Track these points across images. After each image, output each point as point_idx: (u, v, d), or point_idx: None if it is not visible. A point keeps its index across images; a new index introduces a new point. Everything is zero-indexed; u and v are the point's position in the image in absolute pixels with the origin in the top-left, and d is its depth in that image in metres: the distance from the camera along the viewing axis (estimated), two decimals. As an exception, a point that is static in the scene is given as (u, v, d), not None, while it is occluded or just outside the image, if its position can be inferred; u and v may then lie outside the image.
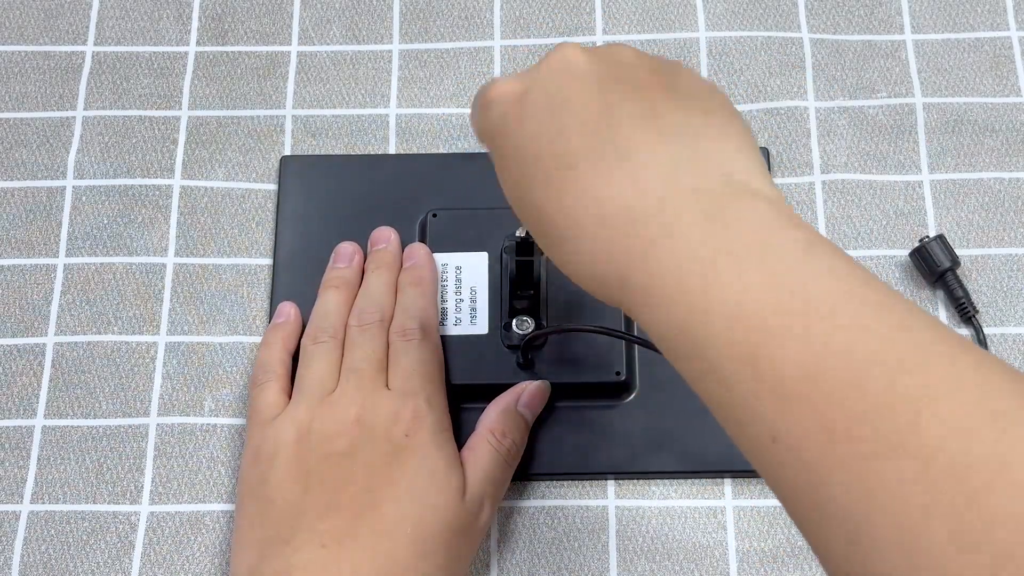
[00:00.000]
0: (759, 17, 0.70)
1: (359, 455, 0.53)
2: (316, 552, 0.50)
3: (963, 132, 0.67)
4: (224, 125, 0.68)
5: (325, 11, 0.71)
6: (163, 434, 0.61)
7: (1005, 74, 0.68)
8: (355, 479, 0.52)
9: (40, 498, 0.60)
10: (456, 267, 0.62)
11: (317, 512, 0.52)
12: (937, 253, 0.62)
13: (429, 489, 0.53)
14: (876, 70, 0.68)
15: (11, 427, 0.61)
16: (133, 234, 0.65)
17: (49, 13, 0.71)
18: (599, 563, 0.58)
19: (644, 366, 0.61)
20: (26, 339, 0.63)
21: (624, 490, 0.60)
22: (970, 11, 0.70)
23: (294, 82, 0.69)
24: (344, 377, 0.56)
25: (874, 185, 0.65)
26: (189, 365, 0.62)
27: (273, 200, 0.66)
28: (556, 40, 0.69)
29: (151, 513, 0.59)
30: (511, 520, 0.59)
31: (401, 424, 0.54)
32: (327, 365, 0.57)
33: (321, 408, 0.55)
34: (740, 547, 0.58)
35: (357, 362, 0.57)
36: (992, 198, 0.65)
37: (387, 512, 0.52)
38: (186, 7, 0.71)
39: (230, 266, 0.64)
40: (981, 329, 0.61)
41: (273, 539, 0.51)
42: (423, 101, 0.68)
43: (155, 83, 0.69)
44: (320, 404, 0.55)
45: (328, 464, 0.53)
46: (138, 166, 0.67)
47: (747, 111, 0.67)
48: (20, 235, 0.65)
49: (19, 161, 0.67)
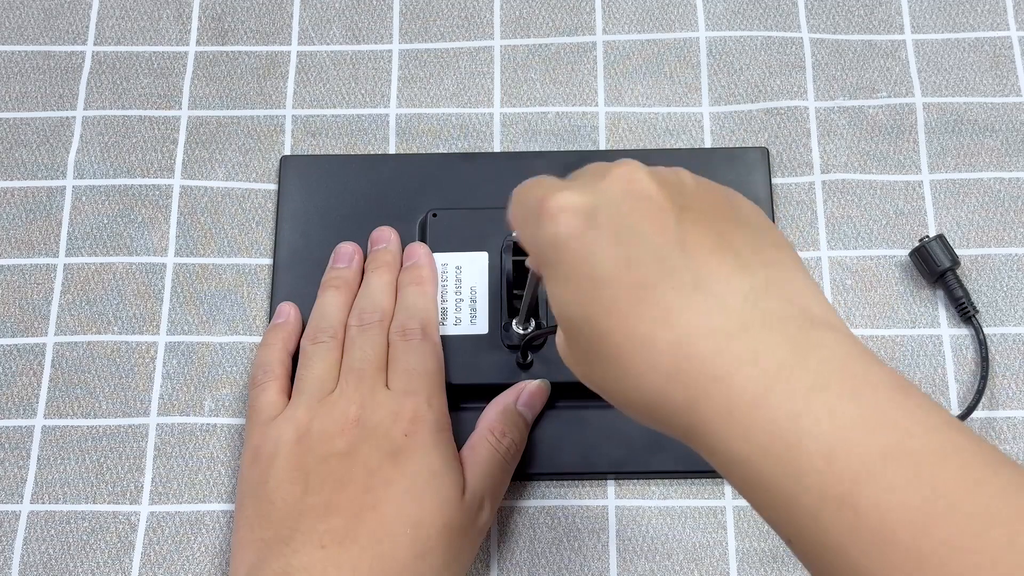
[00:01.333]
0: (759, 17, 0.70)
1: (358, 455, 0.53)
2: (316, 553, 0.50)
3: (963, 132, 0.67)
4: (224, 125, 0.68)
5: (325, 11, 0.71)
6: (163, 434, 0.61)
7: (1005, 74, 0.68)
8: (354, 479, 0.52)
9: (40, 498, 0.60)
10: (456, 267, 0.62)
11: (317, 513, 0.52)
12: (937, 253, 0.62)
13: (428, 489, 0.53)
14: (876, 70, 0.68)
15: (11, 427, 0.61)
16: (133, 234, 0.65)
17: (49, 13, 0.71)
18: (599, 563, 0.58)
19: (644, 366, 0.60)
20: (26, 339, 0.63)
21: (624, 490, 0.60)
22: (970, 11, 0.70)
23: (294, 82, 0.69)
24: (343, 377, 0.56)
25: (874, 185, 0.65)
26: (189, 365, 0.62)
27: (273, 200, 0.66)
28: (556, 40, 0.69)
29: (151, 513, 0.59)
30: (511, 520, 0.59)
31: (400, 424, 0.54)
32: (326, 365, 0.57)
33: (321, 408, 0.55)
34: (740, 547, 0.58)
35: (356, 362, 0.57)
36: (992, 198, 0.65)
37: (386, 512, 0.52)
38: (186, 7, 0.71)
39: (230, 266, 0.64)
40: (981, 329, 0.61)
41: (272, 540, 0.51)
42: (423, 101, 0.68)
43: (155, 83, 0.69)
44: (320, 404, 0.55)
45: (327, 464, 0.53)
46: (138, 166, 0.67)
47: (747, 111, 0.67)
48: (20, 235, 0.65)
49: (19, 161, 0.67)
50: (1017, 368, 0.61)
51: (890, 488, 0.34)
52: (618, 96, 0.68)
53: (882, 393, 0.36)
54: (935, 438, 0.35)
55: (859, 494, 0.34)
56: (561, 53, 0.69)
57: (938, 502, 0.33)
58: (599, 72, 0.69)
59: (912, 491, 0.33)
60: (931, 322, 0.62)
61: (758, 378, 0.36)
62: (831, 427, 0.35)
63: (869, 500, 0.34)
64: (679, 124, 0.67)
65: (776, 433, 0.36)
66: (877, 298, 0.63)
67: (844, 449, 0.34)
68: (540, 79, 0.68)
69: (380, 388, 0.56)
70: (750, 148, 0.66)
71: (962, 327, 0.62)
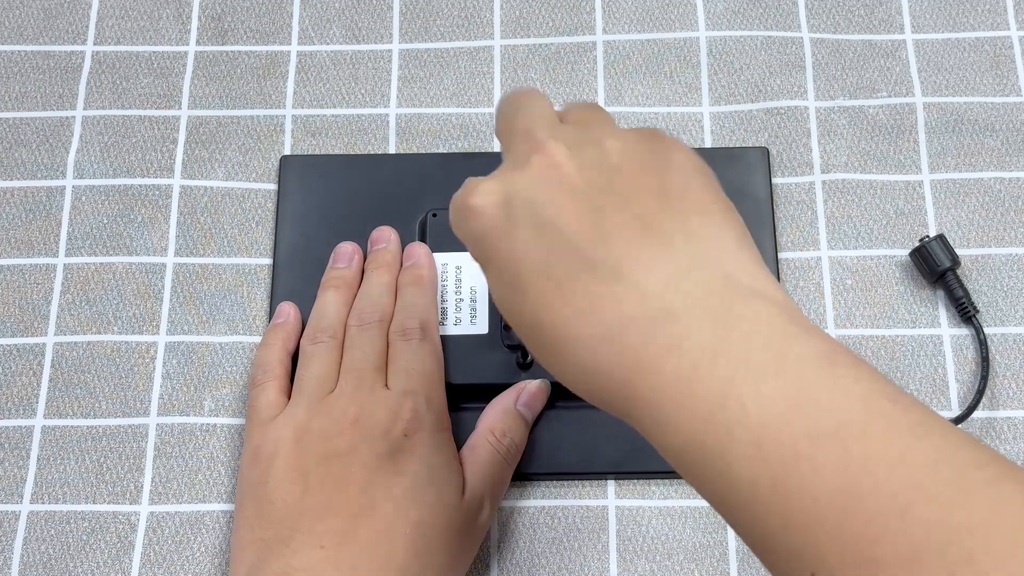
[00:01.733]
0: (759, 17, 0.70)
1: (357, 455, 0.53)
2: (315, 553, 0.50)
3: (963, 132, 0.67)
4: (224, 125, 0.68)
5: (325, 11, 0.70)
6: (163, 434, 0.61)
7: (1005, 74, 0.68)
8: (353, 479, 0.52)
9: (40, 498, 0.60)
10: (456, 267, 0.62)
11: (316, 513, 0.52)
12: (937, 253, 0.62)
13: (428, 489, 0.53)
14: (876, 70, 0.68)
15: (11, 427, 0.61)
16: (133, 234, 0.65)
17: (49, 13, 0.71)
18: (599, 563, 0.58)
19: (644, 366, 0.60)
20: (26, 339, 0.63)
21: (624, 490, 0.59)
22: (970, 11, 0.70)
23: (294, 82, 0.69)
24: (343, 377, 0.56)
25: (874, 185, 0.65)
26: (189, 365, 0.62)
27: (273, 200, 0.66)
28: (556, 40, 0.69)
29: (151, 513, 0.59)
30: (511, 520, 0.59)
31: (400, 424, 0.54)
32: (326, 365, 0.57)
33: (320, 408, 0.55)
34: (740, 547, 0.58)
35: (356, 362, 0.57)
36: (992, 198, 0.65)
37: (385, 512, 0.52)
38: (186, 7, 0.70)
39: (230, 266, 0.64)
40: (981, 329, 0.61)
41: (272, 540, 0.51)
42: (423, 101, 0.68)
43: (155, 83, 0.69)
44: (319, 404, 0.55)
45: (327, 464, 0.53)
46: (138, 166, 0.67)
47: (747, 111, 0.67)
48: (20, 235, 0.65)
49: (19, 161, 0.67)
50: (1017, 368, 0.61)
51: (818, 470, 0.33)
52: (618, 96, 0.68)
53: (808, 367, 0.35)
54: (860, 412, 0.34)
55: (788, 479, 0.34)
56: (561, 53, 0.69)
57: (864, 481, 0.33)
58: (599, 72, 0.69)
59: (839, 472, 0.33)
60: (931, 322, 0.62)
61: (684, 366, 0.36)
62: (758, 412, 0.35)
63: (798, 484, 0.33)
64: (679, 124, 0.67)
65: (706, 423, 0.35)
66: (877, 298, 0.63)
67: (771, 434, 0.34)
68: (540, 79, 0.68)
69: (379, 388, 0.56)
70: (750, 148, 0.66)
71: (962, 327, 0.62)
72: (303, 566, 0.50)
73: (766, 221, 0.64)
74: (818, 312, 0.63)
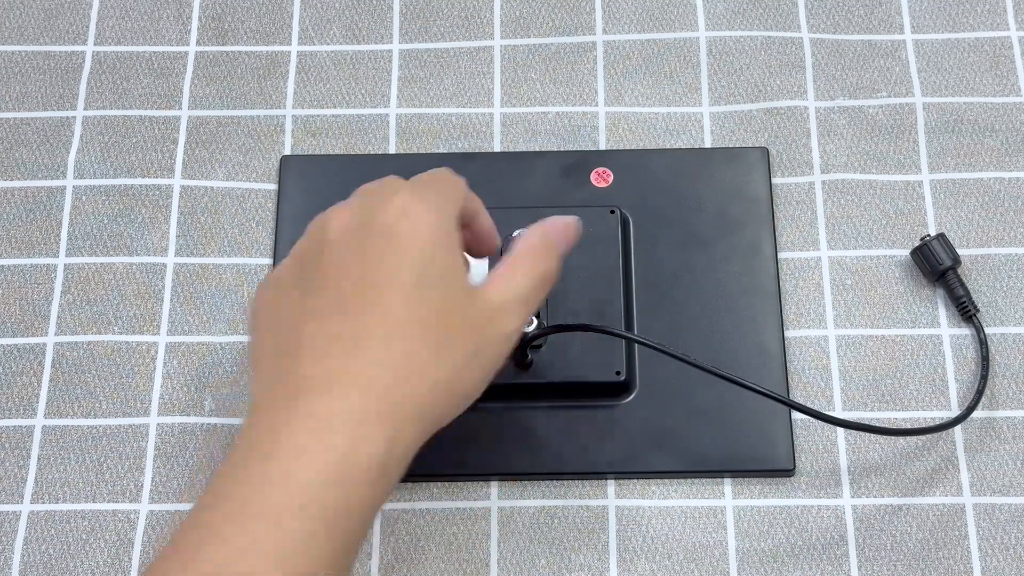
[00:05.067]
0: (759, 17, 0.70)
1: (354, 245, 0.49)
2: (324, 363, 0.47)
3: (963, 132, 0.67)
4: (224, 125, 0.68)
5: (325, 11, 0.71)
6: (163, 434, 0.61)
7: (1005, 74, 0.68)
8: (353, 274, 0.48)
9: (40, 498, 0.60)
10: (456, 267, 0.62)
11: (319, 316, 0.48)
12: (938, 252, 0.62)
13: (437, 283, 0.48)
14: (876, 70, 0.68)
15: (11, 427, 0.61)
16: (133, 234, 0.65)
17: (49, 13, 0.71)
18: (599, 563, 0.58)
19: (644, 366, 0.61)
20: (26, 339, 0.63)
21: (624, 490, 0.59)
22: (970, 11, 0.70)
23: (294, 82, 0.69)
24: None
25: (874, 185, 0.65)
26: (189, 365, 0.62)
27: (273, 200, 0.66)
28: (556, 40, 0.69)
29: (151, 512, 0.59)
30: (511, 520, 0.59)
31: (404, 218, 0.50)
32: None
33: (329, 211, 0.51)
34: (740, 547, 0.58)
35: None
36: (992, 198, 0.65)
37: (393, 307, 0.48)
38: (186, 7, 0.71)
39: (230, 266, 0.64)
40: (982, 328, 0.61)
41: (282, 353, 0.48)
42: (423, 101, 0.68)
43: (155, 83, 0.69)
44: (330, 209, 0.52)
45: (322, 257, 0.49)
46: (138, 166, 0.67)
47: (747, 111, 0.67)
48: (20, 235, 0.65)
49: (19, 161, 0.67)
50: (1017, 368, 0.61)
51: None
52: (618, 96, 0.68)
53: None
54: None
55: None
56: (561, 53, 0.69)
57: None
58: (599, 72, 0.69)
59: None
60: (931, 322, 0.62)
61: None
62: None
63: None
64: (679, 124, 0.67)
65: None
66: (877, 298, 0.63)
67: None
68: (540, 79, 0.68)
69: (390, 194, 0.51)
70: (750, 148, 0.66)
71: (962, 326, 0.62)
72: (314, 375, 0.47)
73: (766, 221, 0.64)
74: (818, 312, 0.63)
